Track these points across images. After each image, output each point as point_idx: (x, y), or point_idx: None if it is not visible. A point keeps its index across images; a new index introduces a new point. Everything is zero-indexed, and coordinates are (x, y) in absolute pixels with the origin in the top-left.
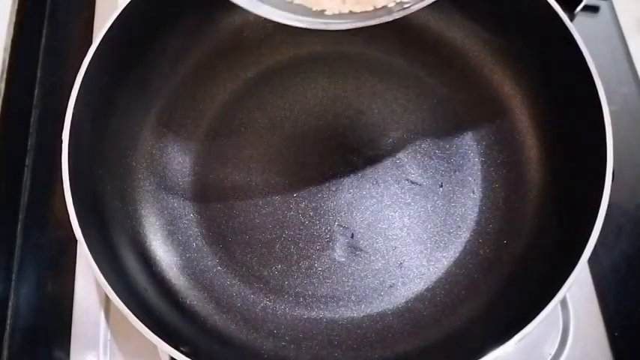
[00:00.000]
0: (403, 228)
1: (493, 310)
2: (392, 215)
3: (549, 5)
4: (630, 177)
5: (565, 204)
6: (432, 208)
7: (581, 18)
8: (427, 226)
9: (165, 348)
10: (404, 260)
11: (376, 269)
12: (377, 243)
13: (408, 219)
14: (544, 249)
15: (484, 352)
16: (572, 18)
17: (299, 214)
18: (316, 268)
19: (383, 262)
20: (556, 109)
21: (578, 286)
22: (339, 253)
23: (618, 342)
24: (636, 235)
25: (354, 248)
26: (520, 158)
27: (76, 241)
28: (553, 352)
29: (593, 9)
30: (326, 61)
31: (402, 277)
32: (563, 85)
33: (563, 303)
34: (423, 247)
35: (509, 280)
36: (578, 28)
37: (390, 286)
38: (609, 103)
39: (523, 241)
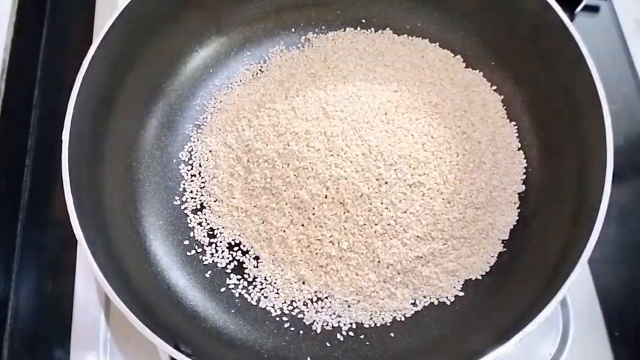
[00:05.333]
0: None
1: (493, 310)
2: None
3: (549, 5)
4: (630, 177)
5: (565, 204)
6: None
7: (581, 18)
8: None
9: (165, 348)
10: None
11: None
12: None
13: None
14: (544, 249)
15: (484, 352)
16: (572, 18)
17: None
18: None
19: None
20: (556, 109)
21: (578, 286)
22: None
23: (618, 342)
24: (636, 235)
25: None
26: (520, 158)
27: (76, 241)
28: (553, 352)
29: (593, 9)
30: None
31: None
32: (563, 86)
33: (563, 303)
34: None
35: (510, 279)
36: (578, 28)
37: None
38: (609, 103)
39: (523, 242)
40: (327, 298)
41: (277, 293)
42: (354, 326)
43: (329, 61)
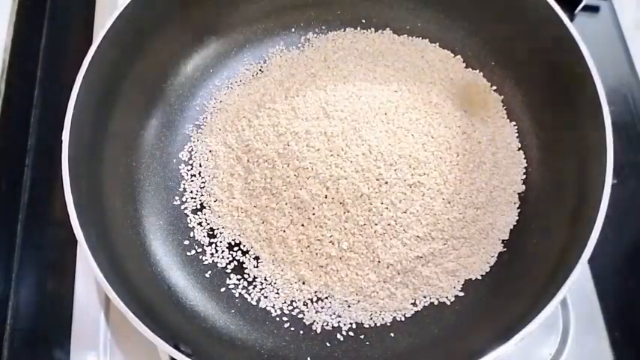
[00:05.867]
0: None
1: (493, 310)
2: None
3: (549, 5)
4: (630, 177)
5: (565, 204)
6: None
7: (581, 18)
8: None
9: (165, 348)
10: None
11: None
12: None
13: None
14: (544, 249)
15: (484, 352)
16: (572, 18)
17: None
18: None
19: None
20: (556, 109)
21: (578, 286)
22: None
23: (618, 342)
24: (636, 235)
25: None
26: (520, 158)
27: (76, 241)
28: (553, 352)
29: (593, 9)
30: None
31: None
32: (563, 85)
33: (563, 303)
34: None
35: (510, 279)
36: (578, 28)
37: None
38: (609, 103)
39: (523, 242)
40: (327, 298)
41: (277, 293)
42: (354, 326)
43: (329, 61)
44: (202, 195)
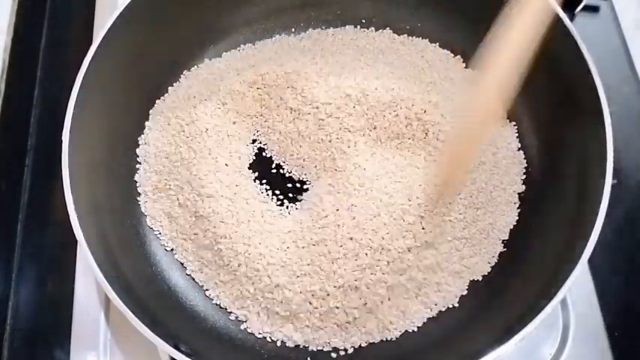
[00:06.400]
0: None
1: (493, 310)
2: None
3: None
4: (630, 177)
5: (565, 204)
6: None
7: (581, 18)
8: None
9: (165, 348)
10: None
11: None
12: None
13: None
14: (544, 249)
15: (484, 352)
16: (572, 18)
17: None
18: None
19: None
20: (556, 109)
21: (578, 286)
22: None
23: (618, 342)
24: (636, 235)
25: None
26: (520, 158)
27: (76, 241)
28: (553, 352)
29: (593, 9)
30: None
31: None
32: (563, 86)
33: (563, 303)
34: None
35: (510, 279)
36: (578, 28)
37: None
38: (609, 103)
39: (523, 242)
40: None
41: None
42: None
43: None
44: None
